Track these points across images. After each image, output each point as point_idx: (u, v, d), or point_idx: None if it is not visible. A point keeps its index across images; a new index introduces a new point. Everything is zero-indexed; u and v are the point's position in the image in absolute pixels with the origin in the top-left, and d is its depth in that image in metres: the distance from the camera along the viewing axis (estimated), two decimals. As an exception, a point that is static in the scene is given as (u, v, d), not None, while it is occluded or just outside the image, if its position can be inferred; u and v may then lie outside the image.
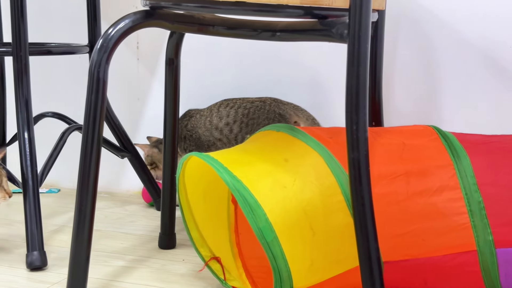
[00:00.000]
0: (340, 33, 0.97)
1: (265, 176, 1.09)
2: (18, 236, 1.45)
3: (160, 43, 1.83)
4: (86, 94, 1.09)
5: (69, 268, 1.11)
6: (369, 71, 0.96)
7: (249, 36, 1.14)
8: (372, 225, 0.96)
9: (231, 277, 1.24)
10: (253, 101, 1.70)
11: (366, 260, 0.96)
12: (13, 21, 1.37)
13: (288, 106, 1.65)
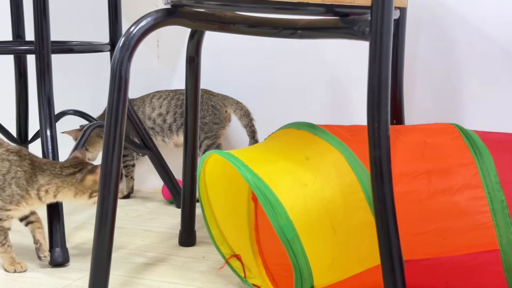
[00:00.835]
0: (362, 30, 0.97)
1: (286, 174, 1.09)
2: (40, 232, 1.46)
3: (180, 41, 1.83)
4: (108, 92, 1.10)
5: (91, 264, 1.12)
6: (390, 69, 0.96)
7: (270, 34, 1.14)
8: (394, 223, 0.96)
9: (251, 274, 1.24)
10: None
11: (387, 259, 0.96)
12: (35, 20, 1.39)
13: (218, 97, 1.75)
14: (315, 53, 1.73)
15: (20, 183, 1.27)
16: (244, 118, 1.78)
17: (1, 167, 1.27)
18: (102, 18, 1.79)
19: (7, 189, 1.26)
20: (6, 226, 1.28)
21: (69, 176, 1.29)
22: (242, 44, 1.78)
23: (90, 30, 1.90)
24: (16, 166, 1.27)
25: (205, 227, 1.54)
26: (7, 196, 1.26)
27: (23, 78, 1.72)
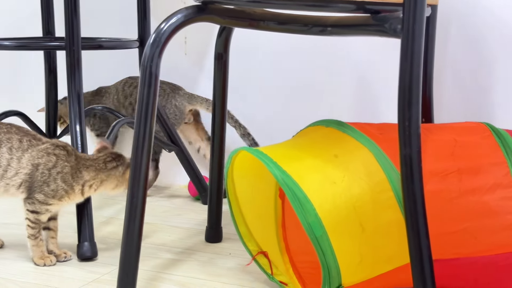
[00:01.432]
0: (394, 28, 0.96)
1: (314, 172, 1.09)
2: (69, 227, 1.47)
3: (208, 38, 1.84)
4: (138, 88, 1.10)
5: (120, 259, 1.13)
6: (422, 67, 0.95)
7: (300, 31, 1.14)
8: (424, 222, 0.95)
9: (278, 272, 1.25)
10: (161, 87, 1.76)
11: (417, 258, 0.95)
12: (66, 16, 1.40)
13: (183, 97, 1.76)
14: (342, 51, 1.72)
15: (66, 178, 1.28)
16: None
17: (47, 161, 1.28)
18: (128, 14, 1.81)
19: (51, 184, 1.28)
20: (42, 220, 1.30)
21: (113, 170, 1.32)
22: (268, 41, 1.78)
23: (116, 26, 1.92)
24: (63, 161, 1.29)
25: (231, 224, 1.55)
26: (51, 190, 1.28)
27: (53, 74, 1.74)
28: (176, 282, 1.25)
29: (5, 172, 1.29)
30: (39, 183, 1.28)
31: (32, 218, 1.29)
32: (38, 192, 1.28)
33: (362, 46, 1.69)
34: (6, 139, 1.30)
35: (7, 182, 1.29)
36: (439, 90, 1.57)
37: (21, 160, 1.29)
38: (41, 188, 1.28)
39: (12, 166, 1.29)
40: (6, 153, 1.29)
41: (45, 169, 1.28)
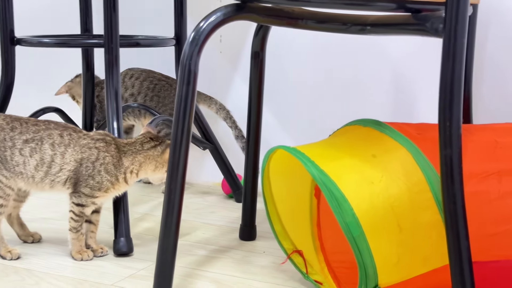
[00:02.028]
0: (435, 27, 0.95)
1: (352, 171, 1.09)
2: (105, 222, 1.49)
3: (243, 36, 1.84)
4: (177, 86, 1.11)
5: (157, 255, 1.14)
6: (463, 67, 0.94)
7: (339, 30, 1.13)
8: (464, 224, 0.94)
9: (313, 271, 1.24)
10: (160, 78, 1.80)
11: (456, 260, 0.94)
12: (105, 14, 1.41)
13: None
14: (378, 48, 1.71)
15: (109, 169, 1.30)
16: (221, 111, 1.81)
17: (90, 155, 1.30)
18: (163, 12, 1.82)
19: (96, 176, 1.30)
20: (87, 213, 1.32)
21: (150, 150, 1.33)
22: (302, 39, 1.78)
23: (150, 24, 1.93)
24: (103, 152, 1.31)
25: (264, 222, 1.56)
26: (96, 183, 1.30)
27: (90, 71, 1.76)
28: (211, 279, 1.26)
29: (49, 169, 1.30)
30: (85, 177, 1.30)
31: (76, 211, 1.31)
32: (84, 186, 1.30)
33: (399, 44, 1.67)
34: (47, 136, 1.31)
35: (52, 179, 1.31)
36: (478, 90, 1.55)
37: (64, 155, 1.30)
38: (87, 182, 1.30)
39: (56, 162, 1.30)
40: (48, 149, 1.30)
41: (89, 163, 1.30)
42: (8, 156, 1.31)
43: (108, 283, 1.23)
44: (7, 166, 1.31)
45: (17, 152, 1.30)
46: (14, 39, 1.54)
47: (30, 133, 1.31)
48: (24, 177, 1.31)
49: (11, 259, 1.33)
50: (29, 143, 1.30)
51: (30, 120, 1.34)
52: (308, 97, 1.81)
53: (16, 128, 1.32)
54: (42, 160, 1.30)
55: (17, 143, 1.31)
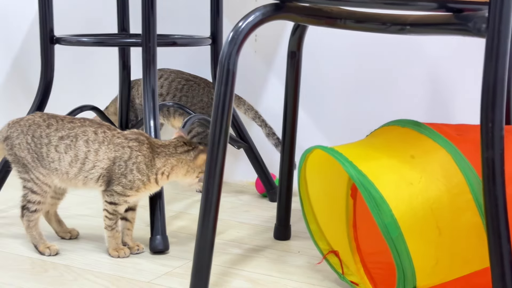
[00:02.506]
0: (478, 27, 0.94)
1: (390, 172, 1.08)
2: (141, 220, 1.51)
3: (278, 36, 1.84)
4: (216, 85, 1.11)
5: (194, 253, 1.14)
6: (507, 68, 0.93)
7: (378, 29, 1.12)
8: (505, 226, 0.93)
9: (349, 271, 1.24)
10: (188, 78, 1.81)
11: (498, 263, 0.93)
12: (143, 14, 1.43)
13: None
14: (413, 49, 1.70)
15: (141, 168, 1.31)
16: (249, 112, 1.82)
17: (123, 153, 1.31)
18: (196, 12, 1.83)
19: (128, 175, 1.31)
20: (120, 211, 1.33)
21: (183, 154, 1.33)
22: (338, 39, 1.77)
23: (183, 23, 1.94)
24: (136, 151, 1.32)
25: (299, 222, 1.56)
26: (128, 181, 1.31)
27: (126, 70, 1.77)
28: (247, 278, 1.26)
29: (83, 165, 1.32)
30: (117, 175, 1.31)
31: (110, 209, 1.32)
32: (117, 184, 1.31)
33: (435, 44, 1.66)
34: (81, 132, 1.33)
35: (85, 175, 1.33)
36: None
37: (98, 152, 1.32)
38: (119, 180, 1.31)
39: (89, 159, 1.32)
40: (83, 146, 1.32)
41: (122, 161, 1.31)
42: (44, 153, 1.33)
43: (144, 280, 1.24)
44: (43, 163, 1.33)
45: (52, 148, 1.32)
46: (54, 38, 1.56)
47: (66, 130, 1.33)
48: (59, 173, 1.33)
49: (49, 255, 1.35)
50: (64, 139, 1.32)
51: (66, 118, 1.36)
52: (343, 97, 1.80)
53: (52, 125, 1.34)
54: (76, 156, 1.32)
55: (52, 140, 1.33)
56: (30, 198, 1.35)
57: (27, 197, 1.35)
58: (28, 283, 1.22)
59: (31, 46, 2.22)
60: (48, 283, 1.22)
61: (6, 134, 1.37)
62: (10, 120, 1.39)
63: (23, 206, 1.35)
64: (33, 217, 1.35)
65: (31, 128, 1.34)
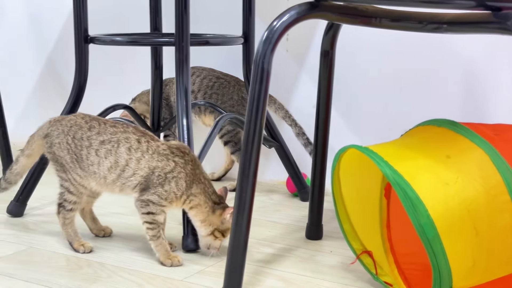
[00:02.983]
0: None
1: (426, 172, 1.07)
2: (173, 219, 1.51)
3: (310, 35, 1.84)
4: (250, 84, 1.12)
5: (228, 252, 1.15)
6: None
7: (414, 28, 1.11)
8: (545, 228, 0.91)
9: (382, 272, 1.23)
10: (219, 76, 1.83)
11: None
12: (177, 13, 1.43)
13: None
14: (447, 48, 1.68)
15: (179, 184, 1.30)
16: (279, 111, 1.81)
17: (165, 165, 1.30)
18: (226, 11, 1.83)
19: (165, 185, 1.29)
20: (160, 221, 1.31)
21: (211, 201, 1.31)
22: (371, 37, 1.76)
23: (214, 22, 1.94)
24: (181, 168, 1.30)
25: (330, 221, 1.55)
26: (164, 191, 1.29)
27: (159, 69, 1.78)
28: (280, 277, 1.26)
29: (122, 172, 1.31)
30: (154, 185, 1.30)
31: (149, 220, 1.30)
32: (152, 193, 1.30)
33: (470, 43, 1.64)
34: (124, 139, 1.32)
35: (123, 182, 1.32)
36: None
37: (140, 161, 1.30)
38: (156, 189, 1.29)
39: (130, 167, 1.31)
40: (124, 153, 1.31)
41: (162, 173, 1.29)
42: (84, 155, 1.33)
43: (178, 278, 1.25)
44: (82, 165, 1.33)
45: (93, 152, 1.32)
46: (88, 37, 1.58)
47: (108, 134, 1.32)
48: (97, 177, 1.33)
49: (83, 252, 1.36)
50: (106, 144, 1.32)
51: (108, 121, 1.35)
52: (376, 96, 1.79)
53: (94, 127, 1.33)
54: (116, 163, 1.31)
55: (93, 143, 1.32)
56: (67, 197, 1.36)
57: (63, 195, 1.36)
58: (63, 279, 1.24)
59: (64, 46, 2.25)
60: (82, 280, 1.24)
61: (47, 132, 1.37)
62: (52, 118, 1.40)
63: (59, 203, 1.37)
64: (68, 215, 1.36)
65: (73, 129, 1.34)
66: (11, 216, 1.60)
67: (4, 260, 1.33)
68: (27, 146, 1.42)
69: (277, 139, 1.74)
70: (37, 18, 2.30)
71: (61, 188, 1.36)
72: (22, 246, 1.41)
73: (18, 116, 2.37)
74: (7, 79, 2.27)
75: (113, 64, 2.16)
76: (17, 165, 1.44)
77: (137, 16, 2.02)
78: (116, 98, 1.88)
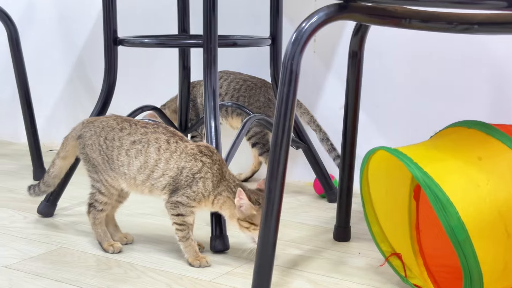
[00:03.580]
0: (551, 26, 0.91)
1: (456, 174, 1.06)
2: (202, 220, 1.52)
3: (337, 37, 1.83)
4: (279, 86, 1.12)
5: (256, 253, 1.15)
6: None
7: (444, 29, 1.10)
8: None
9: (412, 274, 1.22)
10: (245, 79, 1.83)
11: None
12: (205, 15, 1.44)
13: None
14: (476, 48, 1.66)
15: (207, 184, 1.30)
16: (305, 115, 1.81)
17: (193, 166, 1.30)
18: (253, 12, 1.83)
19: (193, 186, 1.30)
20: (189, 222, 1.31)
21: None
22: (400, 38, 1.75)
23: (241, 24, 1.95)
24: (208, 168, 1.30)
25: (358, 223, 1.55)
26: (192, 192, 1.30)
27: (186, 70, 1.79)
28: (308, 279, 1.26)
29: (151, 173, 1.32)
30: (183, 186, 1.30)
31: (179, 221, 1.31)
32: (181, 195, 1.30)
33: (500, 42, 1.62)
34: (154, 139, 1.32)
35: (152, 183, 1.32)
36: None
37: (169, 162, 1.31)
38: (184, 191, 1.30)
39: (159, 167, 1.31)
40: (154, 154, 1.31)
41: (190, 173, 1.30)
42: (114, 156, 1.34)
43: (206, 279, 1.25)
44: (113, 166, 1.34)
45: (123, 152, 1.33)
46: (117, 39, 1.59)
47: (138, 134, 1.33)
48: (127, 178, 1.34)
49: (113, 253, 1.37)
50: (136, 144, 1.32)
51: (139, 122, 1.36)
52: (405, 97, 1.78)
53: (125, 128, 1.34)
54: (146, 163, 1.32)
55: (124, 143, 1.33)
56: (98, 198, 1.37)
57: (94, 196, 1.37)
58: (93, 279, 1.25)
59: (93, 47, 2.27)
60: (112, 280, 1.25)
61: (79, 133, 1.39)
62: (85, 119, 1.42)
63: (90, 203, 1.38)
64: (99, 215, 1.38)
65: (105, 130, 1.35)
66: (42, 216, 1.62)
67: (36, 260, 1.35)
68: (62, 148, 1.44)
69: (305, 140, 1.73)
70: (67, 19, 2.32)
71: (92, 189, 1.38)
72: (52, 246, 1.43)
73: (48, 117, 2.40)
74: (37, 80, 2.30)
75: (142, 65, 2.18)
76: (54, 167, 1.45)
77: (164, 18, 2.04)
78: (144, 99, 1.90)
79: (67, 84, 2.37)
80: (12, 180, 1.97)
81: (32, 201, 1.67)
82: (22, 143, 2.34)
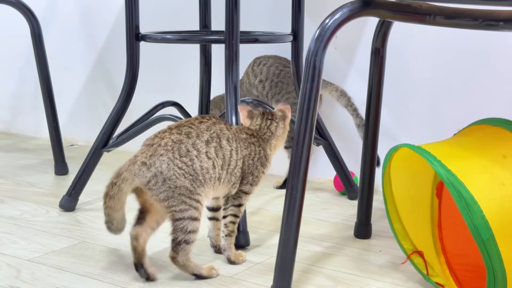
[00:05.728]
0: None
1: (481, 172, 1.05)
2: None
3: (359, 33, 1.82)
4: (302, 82, 1.11)
5: (278, 250, 1.15)
6: None
7: (469, 26, 1.10)
8: None
9: (433, 272, 1.22)
10: (285, 65, 1.80)
11: None
12: (227, 11, 1.44)
13: None
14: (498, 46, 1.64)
15: (263, 161, 1.28)
16: (342, 98, 1.77)
17: (250, 151, 1.26)
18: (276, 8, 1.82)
19: (255, 172, 1.26)
20: (241, 214, 1.29)
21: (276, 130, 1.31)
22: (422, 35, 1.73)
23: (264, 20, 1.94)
24: (257, 147, 1.27)
25: (379, 220, 1.54)
26: (255, 178, 1.27)
27: (207, 66, 1.79)
28: (329, 276, 1.26)
29: (229, 166, 1.22)
30: (247, 175, 1.26)
31: (238, 213, 1.27)
32: (245, 183, 1.26)
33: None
34: (219, 130, 1.21)
35: (229, 178, 1.23)
36: None
37: (237, 150, 1.24)
38: (247, 179, 1.26)
39: (233, 158, 1.23)
40: (227, 145, 1.22)
41: (250, 160, 1.25)
42: (197, 167, 1.17)
43: (227, 275, 1.25)
44: (202, 179, 1.18)
45: (204, 157, 1.18)
46: (139, 35, 1.59)
47: (205, 132, 1.20)
48: (213, 181, 1.20)
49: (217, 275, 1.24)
50: (210, 143, 1.20)
51: (190, 120, 1.22)
52: (428, 95, 1.76)
53: (190, 132, 1.19)
54: (224, 157, 1.21)
55: (200, 147, 1.18)
56: (191, 228, 1.17)
57: (185, 228, 1.16)
58: (115, 274, 1.25)
59: (115, 42, 2.28)
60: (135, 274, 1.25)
61: (149, 175, 1.15)
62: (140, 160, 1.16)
63: (179, 242, 1.17)
64: (190, 248, 1.18)
65: (174, 149, 1.17)
66: (63, 211, 1.63)
67: (58, 254, 1.36)
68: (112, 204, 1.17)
69: (325, 137, 1.73)
70: (88, 15, 2.34)
71: (179, 223, 1.16)
72: (74, 240, 1.44)
73: (69, 112, 2.42)
74: (59, 75, 2.31)
75: (162, 61, 2.18)
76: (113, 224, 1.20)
77: (186, 14, 2.04)
78: (165, 95, 1.90)
79: (89, 79, 2.38)
80: (34, 174, 1.99)
81: (54, 195, 1.68)
82: (44, 138, 2.36)
